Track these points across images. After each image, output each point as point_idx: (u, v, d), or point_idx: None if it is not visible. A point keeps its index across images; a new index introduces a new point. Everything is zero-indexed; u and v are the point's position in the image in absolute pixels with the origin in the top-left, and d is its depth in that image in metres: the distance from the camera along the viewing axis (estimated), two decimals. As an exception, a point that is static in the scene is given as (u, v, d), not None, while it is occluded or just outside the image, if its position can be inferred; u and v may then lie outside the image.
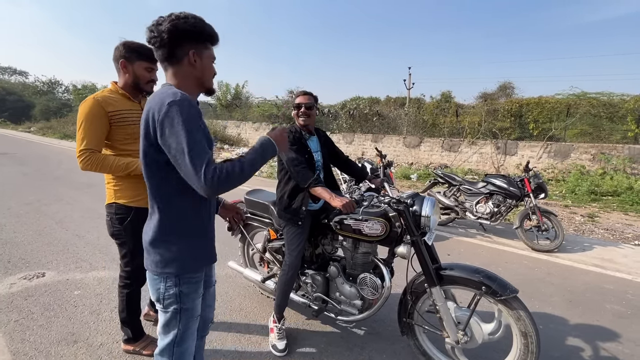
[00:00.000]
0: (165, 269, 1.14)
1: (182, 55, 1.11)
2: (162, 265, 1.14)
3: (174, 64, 1.13)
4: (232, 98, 20.53)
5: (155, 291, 1.18)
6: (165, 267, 1.14)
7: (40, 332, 2.14)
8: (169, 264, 1.14)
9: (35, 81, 36.80)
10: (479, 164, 10.44)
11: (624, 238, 4.70)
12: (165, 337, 1.21)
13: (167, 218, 1.14)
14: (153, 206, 1.16)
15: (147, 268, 1.19)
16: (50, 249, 3.45)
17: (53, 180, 7.05)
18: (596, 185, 7.42)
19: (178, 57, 1.12)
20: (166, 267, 1.14)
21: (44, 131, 22.18)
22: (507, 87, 17.81)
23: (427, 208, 1.75)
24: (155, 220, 1.15)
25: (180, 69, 1.14)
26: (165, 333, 1.21)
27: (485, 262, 3.57)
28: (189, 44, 1.11)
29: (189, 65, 1.13)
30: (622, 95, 9.70)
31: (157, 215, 1.14)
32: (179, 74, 1.14)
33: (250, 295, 2.71)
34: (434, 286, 1.74)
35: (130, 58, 1.73)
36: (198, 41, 1.13)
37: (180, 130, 0.99)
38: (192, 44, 1.12)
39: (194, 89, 1.18)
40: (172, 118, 0.99)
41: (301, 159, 1.92)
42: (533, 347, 1.58)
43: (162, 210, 1.14)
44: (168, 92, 1.05)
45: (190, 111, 1.03)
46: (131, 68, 1.74)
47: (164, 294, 1.16)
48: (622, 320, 2.57)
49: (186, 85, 1.14)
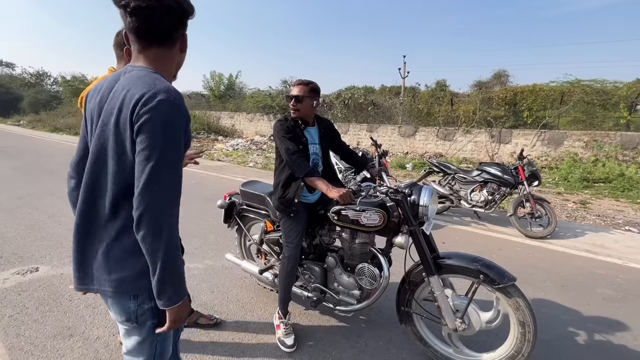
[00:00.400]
0: (135, 285, 0.96)
1: (177, 37, 0.96)
2: (132, 280, 0.96)
3: (163, 46, 0.95)
4: (225, 89, 20.24)
5: (124, 312, 0.99)
6: (135, 282, 0.96)
7: (36, 327, 2.12)
8: (140, 278, 0.95)
9: (22, 73, 35.93)
10: (474, 152, 10.49)
11: (615, 224, 4.79)
12: (141, 355, 1.05)
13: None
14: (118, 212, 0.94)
15: (103, 291, 0.97)
16: (44, 244, 3.41)
17: (44, 174, 6.93)
18: (588, 173, 7.52)
19: (174, 40, 0.95)
20: (137, 282, 0.96)
21: (33, 124, 21.73)
22: (501, 76, 17.87)
23: (425, 197, 1.74)
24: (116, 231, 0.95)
25: (167, 52, 0.97)
26: (141, 350, 1.05)
27: (479, 250, 3.61)
28: (184, 26, 0.96)
29: (177, 51, 0.98)
30: (615, 83, 9.77)
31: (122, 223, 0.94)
32: (164, 59, 0.97)
33: (247, 286, 2.71)
34: (432, 275, 1.74)
35: None
36: (185, 23, 0.97)
37: (159, 138, 0.84)
38: (183, 26, 0.97)
39: (171, 76, 1.02)
40: (156, 119, 0.84)
41: (296, 148, 1.88)
42: (530, 336, 1.60)
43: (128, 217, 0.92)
44: (159, 84, 0.87)
45: (180, 118, 0.88)
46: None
47: (136, 312, 0.99)
48: (613, 304, 2.63)
49: (167, 72, 0.98)
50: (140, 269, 0.96)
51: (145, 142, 0.84)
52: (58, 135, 16.80)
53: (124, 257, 0.96)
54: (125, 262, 0.96)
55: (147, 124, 0.83)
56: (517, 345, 1.65)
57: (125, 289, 0.97)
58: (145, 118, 0.83)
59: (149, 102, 0.83)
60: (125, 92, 0.87)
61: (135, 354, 1.07)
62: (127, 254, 0.96)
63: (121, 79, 0.93)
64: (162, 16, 0.89)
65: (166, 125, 0.85)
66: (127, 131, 0.86)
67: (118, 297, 0.98)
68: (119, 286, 0.96)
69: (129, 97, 0.86)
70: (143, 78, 0.89)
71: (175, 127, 0.87)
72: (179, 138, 0.88)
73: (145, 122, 0.83)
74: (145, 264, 0.95)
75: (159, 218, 0.86)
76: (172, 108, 0.86)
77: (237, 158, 10.54)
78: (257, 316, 2.33)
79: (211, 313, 2.29)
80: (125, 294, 0.98)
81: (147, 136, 0.84)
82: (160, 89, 0.86)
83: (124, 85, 0.90)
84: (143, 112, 0.83)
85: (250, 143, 13.60)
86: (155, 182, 0.84)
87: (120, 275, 0.96)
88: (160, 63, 0.96)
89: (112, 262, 0.96)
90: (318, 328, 2.22)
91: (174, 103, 0.86)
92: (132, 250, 0.95)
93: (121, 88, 0.90)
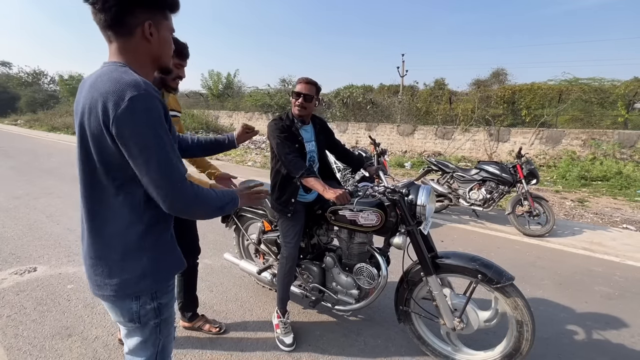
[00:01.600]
0: (137, 287, 0.96)
1: (134, 25, 0.88)
2: (134, 283, 0.96)
3: (123, 35, 0.89)
4: (223, 87, 20.19)
5: (126, 312, 0.99)
6: (137, 285, 0.96)
7: (34, 327, 2.12)
8: (142, 280, 0.96)
9: (19, 72, 35.71)
10: (472, 151, 10.51)
11: (613, 222, 4.81)
12: (144, 354, 1.06)
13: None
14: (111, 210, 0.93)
15: (104, 295, 0.96)
16: (42, 243, 3.40)
17: (42, 174, 6.90)
18: (586, 171, 7.53)
19: (129, 27, 0.88)
20: (138, 284, 0.96)
21: (31, 124, 21.62)
22: (500, 74, 17.86)
23: (422, 197, 1.73)
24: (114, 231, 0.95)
25: (130, 43, 0.90)
26: (144, 349, 1.05)
27: (477, 248, 3.62)
28: (145, 12, 0.89)
29: (142, 39, 0.91)
30: (613, 81, 9.79)
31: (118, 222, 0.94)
32: (128, 49, 0.91)
33: (245, 285, 2.71)
34: (430, 275, 1.74)
35: None
36: (155, 8, 0.91)
37: (147, 135, 0.82)
38: (148, 12, 0.89)
39: (148, 68, 0.97)
40: (134, 118, 0.81)
41: (292, 148, 1.87)
42: (528, 335, 1.61)
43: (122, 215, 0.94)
44: (124, 78, 0.83)
45: (156, 109, 0.85)
46: None
47: (138, 312, 0.99)
48: (610, 302, 2.64)
49: (138, 64, 0.92)
50: (142, 271, 0.96)
51: (137, 147, 0.82)
52: (55, 134, 16.73)
53: (123, 258, 0.94)
54: (125, 264, 0.95)
55: (130, 128, 0.81)
56: (515, 344, 1.66)
57: (127, 292, 0.96)
58: (125, 122, 0.81)
59: (120, 103, 0.80)
60: (92, 91, 0.85)
61: (137, 354, 1.06)
62: (127, 255, 0.94)
63: (92, 76, 0.90)
64: (109, 4, 0.85)
65: (148, 121, 0.83)
66: (103, 133, 0.83)
67: (120, 301, 0.98)
68: (120, 290, 0.95)
69: (96, 96, 0.83)
70: (110, 74, 0.85)
71: (158, 118, 0.86)
72: (162, 122, 0.87)
73: (127, 127, 0.81)
74: (146, 265, 0.95)
75: (192, 201, 0.92)
76: (145, 101, 0.83)
77: (236, 157, 10.52)
78: (256, 315, 2.33)
79: (210, 312, 2.29)
80: (127, 296, 0.97)
81: (136, 140, 0.82)
82: (128, 85, 0.82)
83: (91, 82, 0.88)
84: (119, 116, 0.80)
85: (249, 142, 13.57)
86: (168, 180, 0.87)
87: (121, 279, 0.95)
88: (127, 55, 0.91)
89: (111, 264, 0.94)
90: (317, 326, 2.22)
91: (145, 95, 0.83)
92: (132, 250, 0.94)
93: (89, 86, 0.88)
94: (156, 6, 0.91)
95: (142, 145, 0.82)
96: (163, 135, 0.86)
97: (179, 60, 1.70)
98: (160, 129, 0.85)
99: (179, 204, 0.90)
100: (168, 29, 0.97)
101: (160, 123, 0.86)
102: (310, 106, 1.94)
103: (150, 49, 0.94)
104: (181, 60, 1.71)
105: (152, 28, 0.91)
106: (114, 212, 0.92)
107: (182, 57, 1.70)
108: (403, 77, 17.25)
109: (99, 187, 0.91)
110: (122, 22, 0.87)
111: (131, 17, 0.88)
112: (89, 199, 0.94)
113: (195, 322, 2.12)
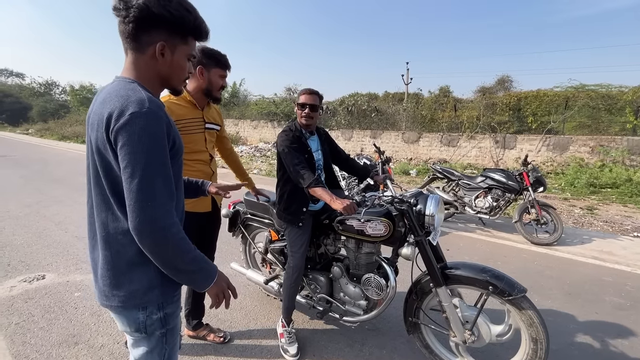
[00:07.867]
0: (145, 298, 0.96)
1: (147, 43, 0.91)
2: (141, 294, 0.96)
3: (137, 50, 0.92)
4: (229, 96, 20.44)
5: (133, 322, 0.99)
6: (144, 296, 0.96)
7: (41, 335, 2.14)
8: (150, 291, 0.96)
9: (31, 82, 36.67)
10: (478, 158, 10.44)
11: (623, 230, 4.71)
12: None
13: None
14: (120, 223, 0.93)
15: (112, 306, 0.96)
16: (50, 251, 3.44)
17: (52, 182, 7.02)
18: (595, 178, 7.43)
19: (142, 44, 0.91)
20: (146, 295, 0.96)
21: (42, 133, 22.10)
22: (505, 81, 17.78)
23: (431, 207, 1.71)
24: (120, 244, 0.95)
25: (141, 59, 0.93)
26: (150, 359, 1.05)
27: (484, 257, 3.58)
28: (160, 33, 0.91)
29: (151, 58, 0.93)
30: (621, 87, 9.71)
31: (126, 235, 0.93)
32: (139, 64, 0.93)
33: (250, 294, 2.71)
34: (439, 287, 1.71)
35: (208, 64, 1.71)
36: (174, 32, 0.93)
37: (137, 150, 0.82)
38: (164, 34, 0.91)
39: (155, 85, 0.98)
40: (130, 131, 0.82)
41: (301, 159, 1.88)
42: (542, 353, 1.56)
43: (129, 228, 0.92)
44: (132, 96, 0.85)
45: (155, 127, 0.85)
46: (207, 75, 1.72)
47: (145, 322, 0.99)
48: (621, 312, 2.58)
49: (146, 80, 0.94)
50: (149, 282, 0.96)
51: (126, 159, 0.83)
52: (65, 143, 17.05)
53: (131, 269, 0.95)
54: (133, 276, 0.95)
55: (124, 141, 0.82)
56: None
57: (134, 303, 0.96)
58: (122, 135, 0.82)
59: (121, 118, 0.82)
60: (102, 108, 0.87)
61: None
62: (135, 266, 0.95)
63: (104, 91, 0.92)
64: (129, 19, 0.87)
65: (142, 138, 0.83)
66: (107, 148, 0.86)
67: (127, 311, 0.98)
68: (127, 300, 0.95)
69: (102, 112, 0.86)
70: (118, 91, 0.87)
71: (154, 136, 0.85)
72: (161, 144, 0.87)
73: (122, 139, 0.82)
74: (153, 276, 0.95)
75: (159, 230, 0.86)
76: (146, 119, 0.83)
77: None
78: (261, 324, 2.32)
79: (214, 320, 2.29)
80: (134, 307, 0.97)
81: (127, 153, 0.83)
82: (132, 101, 0.84)
83: (102, 98, 0.90)
84: (117, 129, 0.82)
85: (254, 150, 13.67)
86: (144, 198, 0.84)
87: (128, 290, 0.95)
88: (137, 71, 0.94)
89: (119, 276, 0.95)
90: (322, 336, 2.21)
91: (148, 113, 0.84)
92: (140, 261, 0.94)
93: (99, 102, 0.89)
94: (176, 31, 0.93)
95: (131, 158, 0.83)
96: (156, 154, 0.85)
97: (221, 70, 1.75)
98: (155, 148, 0.85)
99: (143, 226, 0.84)
100: (185, 54, 0.97)
101: (156, 141, 0.86)
102: (316, 116, 1.98)
103: (159, 68, 0.95)
104: (223, 71, 1.76)
105: (165, 50, 0.93)
106: (122, 223, 0.92)
107: (225, 68, 1.76)
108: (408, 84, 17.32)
109: (106, 198, 0.92)
110: (137, 38, 0.90)
111: (146, 36, 0.90)
112: (97, 209, 0.95)
113: (200, 331, 2.12)
